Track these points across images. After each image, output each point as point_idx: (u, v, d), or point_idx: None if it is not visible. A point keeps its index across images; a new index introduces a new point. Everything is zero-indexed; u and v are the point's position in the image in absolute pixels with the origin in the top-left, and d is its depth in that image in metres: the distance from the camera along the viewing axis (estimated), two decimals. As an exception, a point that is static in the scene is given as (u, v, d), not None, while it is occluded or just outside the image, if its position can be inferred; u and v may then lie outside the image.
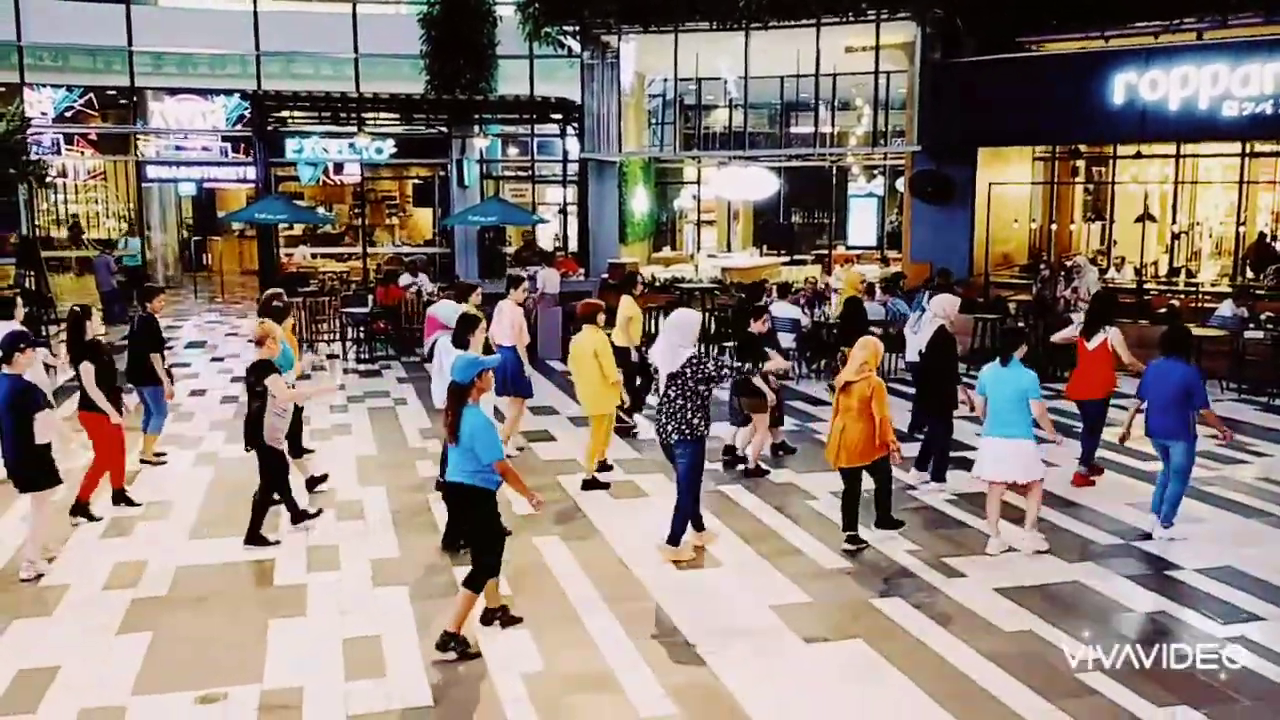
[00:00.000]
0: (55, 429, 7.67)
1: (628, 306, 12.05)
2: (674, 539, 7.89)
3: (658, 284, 18.33)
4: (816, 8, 18.06)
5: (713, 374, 7.73)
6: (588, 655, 6.35)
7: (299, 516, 8.54)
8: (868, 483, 8.19)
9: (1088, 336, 9.71)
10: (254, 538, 8.15)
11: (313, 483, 9.63)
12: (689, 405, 7.62)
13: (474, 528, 6.44)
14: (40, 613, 7.00)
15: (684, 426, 7.62)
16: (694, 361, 7.68)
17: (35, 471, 7.51)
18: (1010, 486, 8.09)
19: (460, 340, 8.05)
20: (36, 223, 25.60)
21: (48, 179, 25.48)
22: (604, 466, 9.95)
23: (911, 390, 11.37)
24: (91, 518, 8.78)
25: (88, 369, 8.77)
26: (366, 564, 7.80)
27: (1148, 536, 8.36)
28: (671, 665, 6.24)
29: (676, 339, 7.76)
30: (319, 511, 8.81)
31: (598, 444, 9.80)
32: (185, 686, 5.91)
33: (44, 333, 16.73)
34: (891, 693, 5.91)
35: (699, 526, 8.15)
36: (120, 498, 9.19)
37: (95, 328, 9.34)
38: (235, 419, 10.58)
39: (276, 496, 8.35)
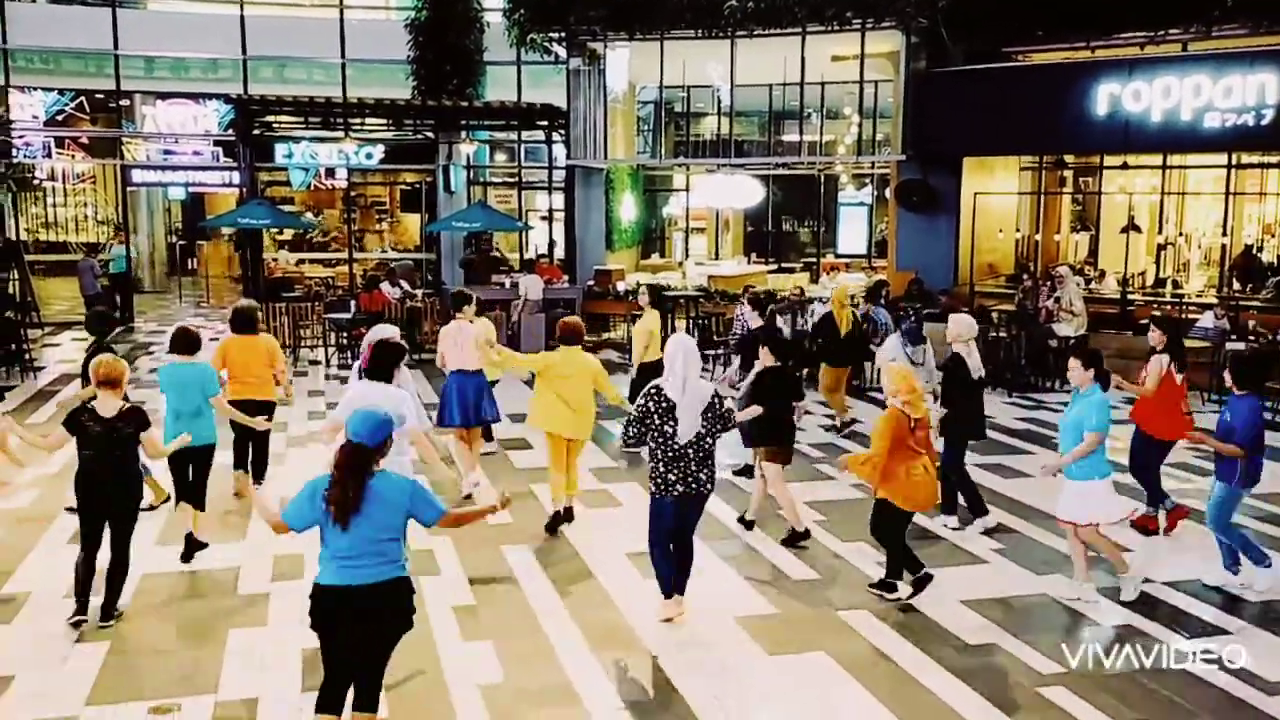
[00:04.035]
0: None
1: (653, 321, 11.76)
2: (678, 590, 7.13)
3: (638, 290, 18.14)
4: (802, 16, 18.05)
5: (730, 414, 6.98)
6: (548, 667, 6.31)
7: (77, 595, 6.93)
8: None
9: (1182, 369, 8.70)
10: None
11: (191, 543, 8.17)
12: (714, 449, 6.90)
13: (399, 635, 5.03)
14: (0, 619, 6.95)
15: (713, 475, 6.90)
16: (718, 395, 6.89)
17: None
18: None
19: (385, 374, 6.93)
20: (25, 225, 25.53)
21: (35, 182, 25.43)
22: (562, 518, 9.02)
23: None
24: None
25: None
26: (333, 573, 7.75)
27: (1119, 549, 8.34)
28: (631, 677, 6.21)
29: (696, 371, 6.83)
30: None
31: (574, 468, 9.13)
32: (139, 697, 5.86)
33: (24, 337, 16.63)
34: (851, 706, 5.88)
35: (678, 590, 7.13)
36: None
37: None
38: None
39: None
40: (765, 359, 8.57)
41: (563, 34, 19.95)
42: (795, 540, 8.50)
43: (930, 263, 18.24)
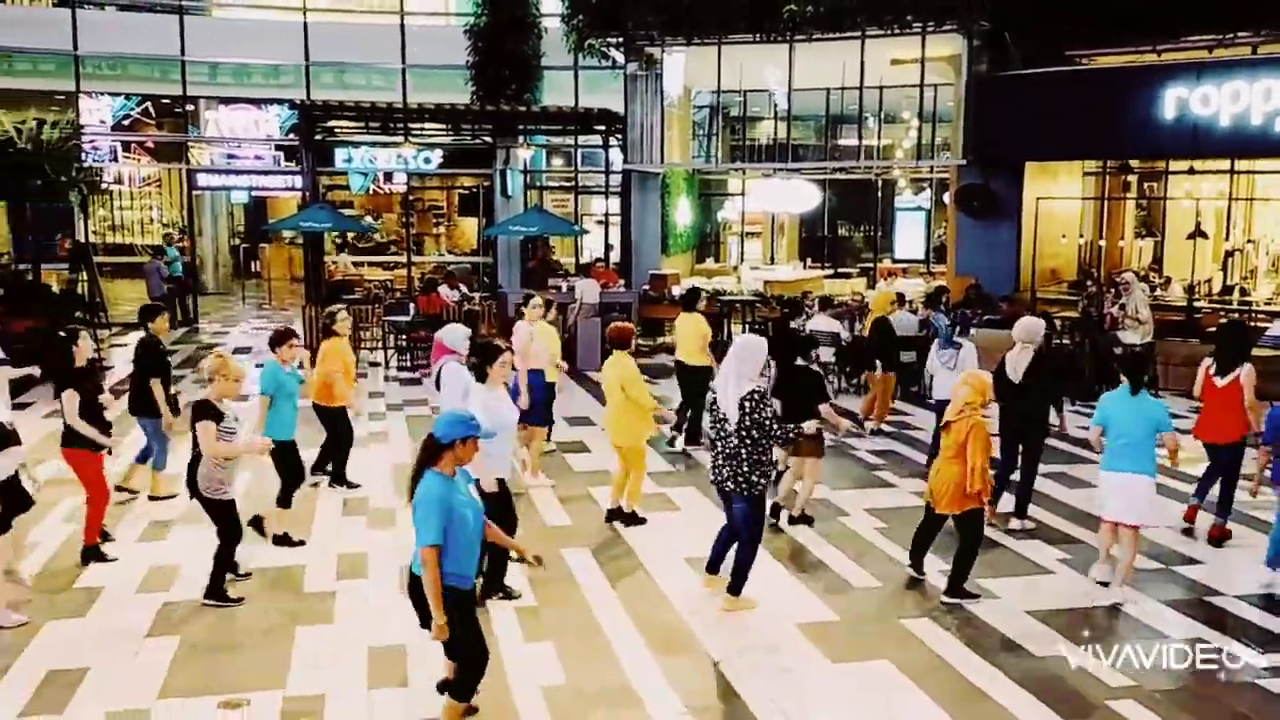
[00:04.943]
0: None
1: (700, 323, 11.74)
2: (735, 589, 7.21)
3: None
4: (861, 20, 17.95)
5: (768, 423, 6.88)
6: (610, 670, 6.33)
7: (216, 593, 7.30)
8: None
9: (1221, 372, 8.63)
10: (213, 593, 7.28)
11: (284, 539, 8.48)
12: (746, 451, 6.87)
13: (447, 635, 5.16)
14: (74, 614, 7.11)
15: (739, 478, 6.90)
16: (754, 397, 6.86)
17: None
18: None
19: (480, 373, 7.19)
20: (92, 228, 26.10)
21: (103, 185, 25.97)
22: (619, 514, 9.12)
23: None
24: (104, 558, 8.05)
25: (71, 398, 7.83)
26: (396, 572, 7.78)
27: (1189, 561, 8.20)
28: (693, 682, 6.20)
29: (739, 368, 6.96)
30: (240, 597, 7.36)
31: (638, 477, 9.09)
32: (209, 691, 5.97)
33: (94, 336, 16.98)
34: (915, 716, 5.83)
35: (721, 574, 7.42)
36: (93, 555, 8.06)
37: (86, 351, 8.29)
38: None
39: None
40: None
41: (620, 39, 19.99)
42: (804, 519, 9.05)
43: (991, 268, 18.02)
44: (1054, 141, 17.35)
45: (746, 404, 6.83)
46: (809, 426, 8.05)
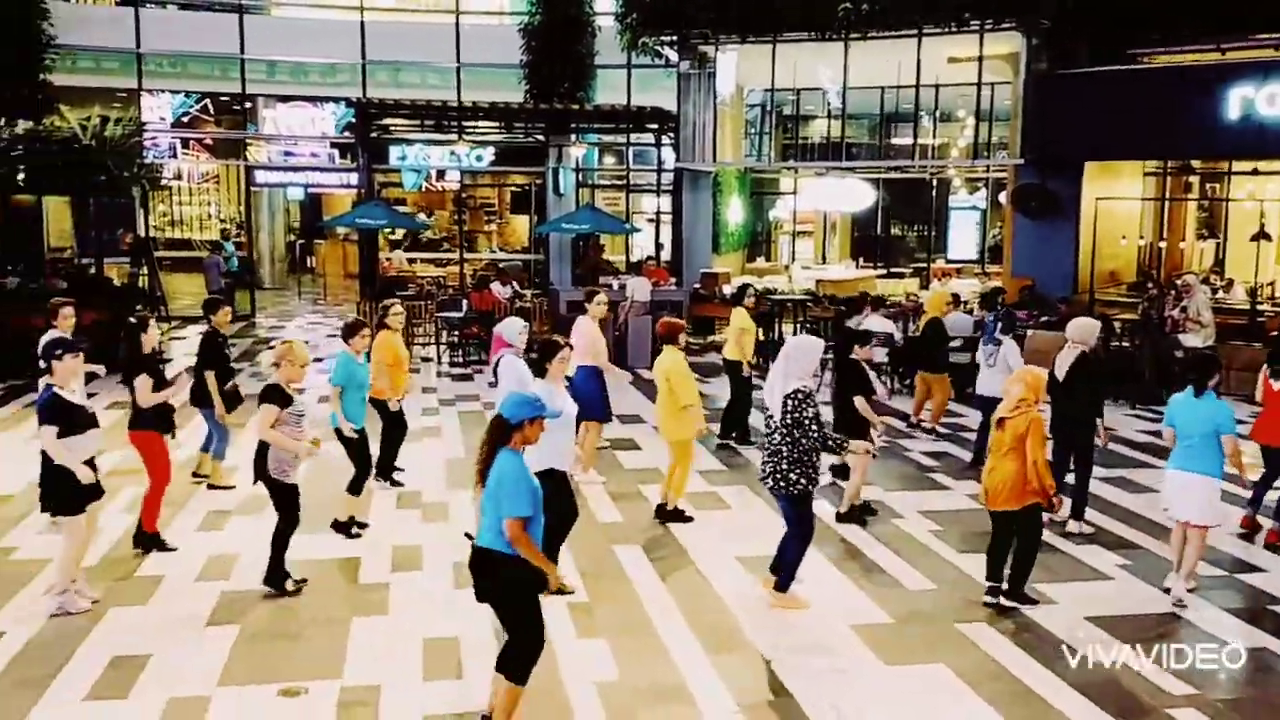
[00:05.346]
0: (74, 457, 6.84)
1: (741, 319, 11.86)
2: (782, 586, 7.22)
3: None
4: (918, 18, 17.79)
5: (808, 423, 6.85)
6: (662, 667, 6.33)
7: (274, 579, 7.37)
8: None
9: (1277, 375, 8.72)
10: (272, 577, 7.36)
11: (343, 527, 8.64)
12: (786, 449, 6.88)
13: (504, 604, 5.30)
14: (136, 601, 7.24)
15: (778, 475, 6.93)
16: (798, 396, 6.84)
17: (53, 494, 6.91)
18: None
19: (539, 369, 7.36)
20: (152, 223, 26.58)
21: (163, 181, 26.45)
22: (679, 515, 9.11)
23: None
24: (164, 548, 8.15)
25: (144, 383, 8.04)
26: (450, 565, 7.83)
27: (1250, 568, 8.04)
28: (746, 681, 6.18)
29: (788, 367, 6.96)
30: (297, 588, 7.39)
31: (682, 472, 9.09)
32: (268, 680, 6.06)
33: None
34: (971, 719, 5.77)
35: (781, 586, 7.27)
36: (153, 542, 8.19)
37: (153, 339, 8.47)
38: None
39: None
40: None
41: (674, 37, 19.99)
42: (850, 517, 9.07)
43: (1048, 269, 17.76)
44: (1115, 141, 17.08)
45: (789, 402, 6.85)
46: (857, 446, 7.96)
